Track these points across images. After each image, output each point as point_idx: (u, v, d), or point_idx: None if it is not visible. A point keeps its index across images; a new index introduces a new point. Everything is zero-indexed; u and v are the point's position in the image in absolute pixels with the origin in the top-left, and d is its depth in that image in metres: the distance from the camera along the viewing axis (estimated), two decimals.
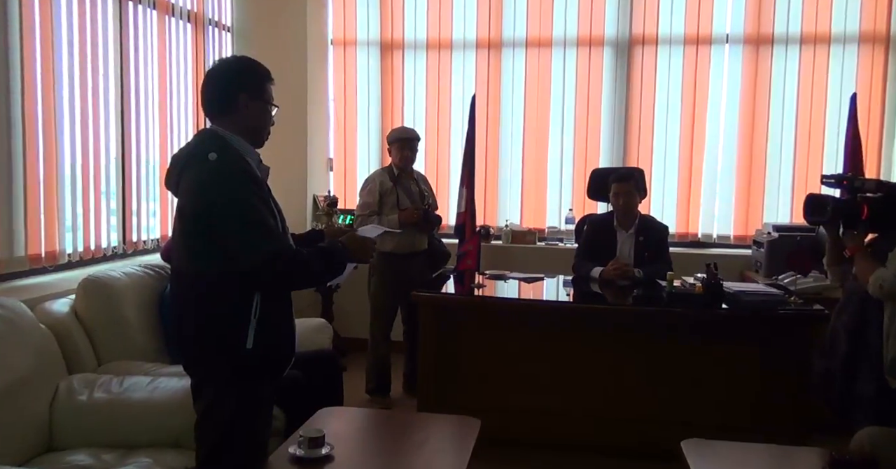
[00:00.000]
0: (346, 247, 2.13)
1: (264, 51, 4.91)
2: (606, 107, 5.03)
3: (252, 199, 1.95)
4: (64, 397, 2.50)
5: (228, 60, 2.26)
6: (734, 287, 3.35)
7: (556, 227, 5.11)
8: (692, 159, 4.94)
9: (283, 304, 2.13)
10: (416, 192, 4.10)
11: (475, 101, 4.59)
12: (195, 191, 1.96)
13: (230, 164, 1.98)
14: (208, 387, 2.05)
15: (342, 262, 2.13)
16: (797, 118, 4.81)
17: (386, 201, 4.01)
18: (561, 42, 5.02)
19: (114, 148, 3.71)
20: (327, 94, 5.36)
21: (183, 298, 2.06)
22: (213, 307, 1.99)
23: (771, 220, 4.72)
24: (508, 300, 3.63)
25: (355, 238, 2.20)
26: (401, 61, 5.24)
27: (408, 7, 5.17)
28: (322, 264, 2.06)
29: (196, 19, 4.41)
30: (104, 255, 3.64)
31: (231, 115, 2.08)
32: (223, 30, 4.78)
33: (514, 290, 3.81)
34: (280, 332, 2.10)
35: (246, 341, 1.97)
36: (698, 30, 4.85)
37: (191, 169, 1.99)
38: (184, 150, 2.10)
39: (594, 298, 3.67)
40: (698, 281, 3.44)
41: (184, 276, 2.04)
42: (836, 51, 4.74)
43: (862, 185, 2.68)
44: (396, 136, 4.08)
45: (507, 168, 5.20)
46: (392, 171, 4.08)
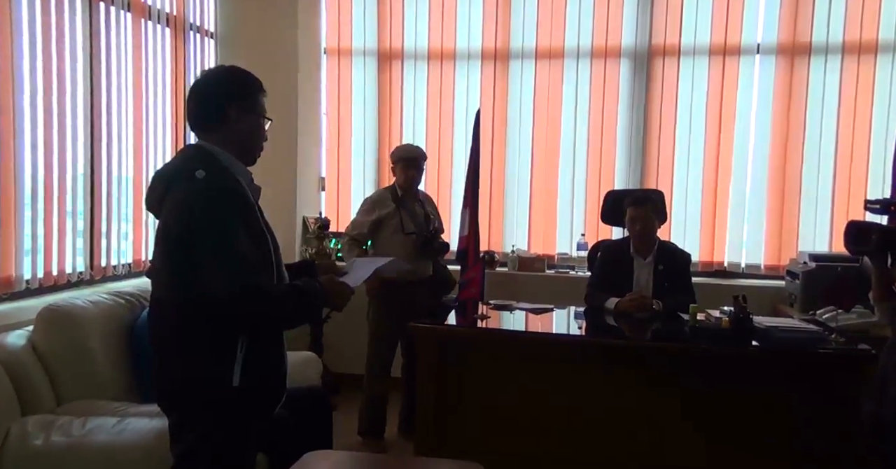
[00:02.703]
0: (324, 290, 2.08)
1: (251, 59, 4.87)
2: (623, 123, 5.00)
3: (235, 225, 1.92)
4: (16, 442, 2.44)
5: (217, 70, 2.25)
6: (766, 322, 3.28)
7: (567, 253, 5.06)
8: (717, 181, 4.90)
9: (274, 337, 2.09)
10: (420, 215, 4.06)
11: (479, 115, 4.59)
12: (180, 211, 1.93)
13: (219, 183, 1.95)
14: (189, 428, 1.99)
15: (317, 306, 2.09)
16: (838, 135, 4.76)
17: (387, 224, 3.97)
18: (574, 53, 5.01)
19: (81, 162, 3.69)
20: (320, 108, 5.36)
21: (163, 328, 2.02)
22: (195, 339, 1.95)
23: (807, 249, 4.65)
24: (515, 333, 3.56)
25: (334, 283, 2.15)
26: (399, 72, 5.23)
27: (407, 14, 5.18)
28: (294, 306, 2.02)
29: (176, 24, 4.42)
30: (68, 282, 3.59)
31: (220, 130, 2.06)
32: (206, 36, 4.78)
33: (521, 321, 3.75)
34: (270, 368, 2.06)
35: (232, 378, 1.93)
36: (726, 39, 4.83)
37: (176, 187, 1.96)
38: (168, 167, 2.07)
39: (609, 332, 3.61)
40: (725, 314, 3.37)
41: (164, 304, 2.01)
42: (883, 61, 4.68)
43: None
44: (401, 155, 4.06)
45: (514, 189, 5.16)
46: (395, 191, 4.06)
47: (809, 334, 3.20)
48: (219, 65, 4.19)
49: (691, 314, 3.32)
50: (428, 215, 4.11)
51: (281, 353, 2.12)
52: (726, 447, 3.16)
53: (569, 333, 3.78)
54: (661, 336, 3.52)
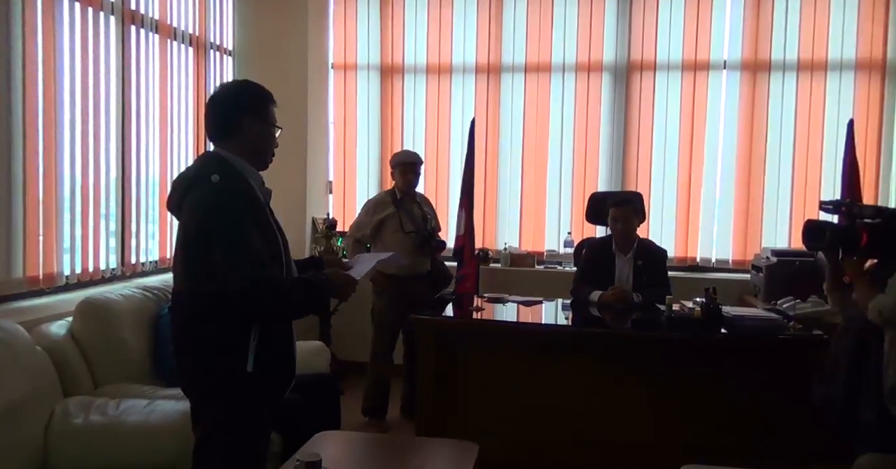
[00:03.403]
0: (329, 282, 2.13)
1: (265, 74, 4.93)
2: (605, 131, 5.07)
3: (248, 224, 1.97)
4: (59, 420, 2.49)
5: (232, 84, 2.30)
6: (733, 312, 3.36)
7: (555, 250, 5.13)
8: (691, 183, 4.98)
9: (284, 326, 2.14)
10: (419, 216, 4.12)
11: (474, 124, 4.65)
12: (197, 212, 1.98)
13: (233, 186, 2.00)
14: (207, 411, 2.04)
15: (324, 297, 2.14)
16: (795, 143, 4.86)
17: (388, 224, 4.03)
18: (560, 67, 5.08)
19: (114, 169, 3.74)
20: (327, 118, 5.41)
21: (182, 320, 2.07)
22: (212, 329, 1.99)
23: (770, 245, 4.74)
24: (507, 324, 3.63)
25: (339, 275, 2.19)
26: (401, 85, 5.29)
27: (408, 31, 5.24)
28: (302, 297, 2.05)
29: (197, 43, 4.46)
30: (102, 278, 3.64)
31: (234, 138, 2.10)
32: (224, 53, 4.83)
33: (513, 313, 3.81)
34: (281, 355, 2.10)
35: (246, 365, 1.98)
36: (696, 56, 4.92)
37: (194, 191, 2.01)
38: (186, 172, 2.12)
39: (593, 322, 3.68)
40: (697, 305, 3.44)
41: (183, 297, 2.06)
42: (832, 77, 4.80)
43: (860, 211, 2.70)
44: (399, 160, 4.11)
45: (507, 191, 5.23)
46: (395, 194, 4.11)
47: (771, 322, 3.28)
48: (233, 79, 4.26)
49: (667, 305, 3.39)
50: (426, 215, 4.17)
51: (290, 340, 2.16)
52: (699, 424, 3.23)
53: (556, 323, 3.84)
54: (640, 325, 3.59)
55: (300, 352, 3.42)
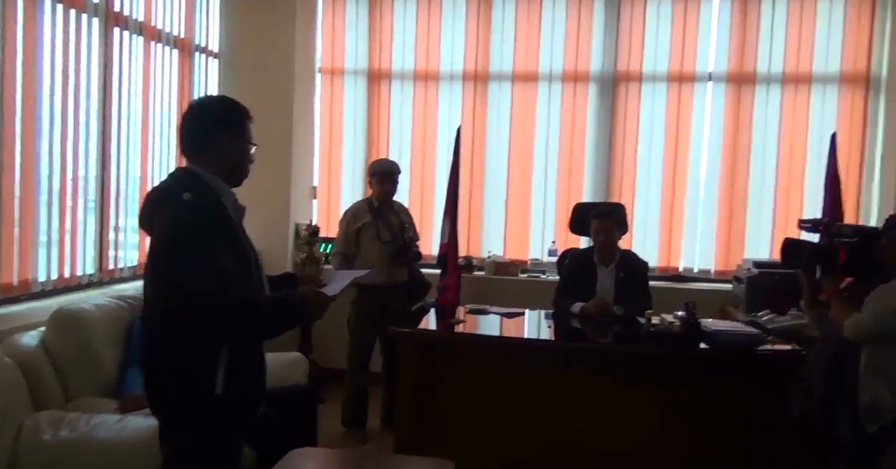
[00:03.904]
0: (302, 300, 2.10)
1: (251, 77, 4.94)
2: (590, 141, 5.06)
3: (218, 244, 1.93)
4: (29, 435, 2.44)
5: (206, 99, 2.26)
6: (712, 326, 3.34)
7: (539, 259, 5.10)
8: (674, 194, 4.97)
9: (254, 347, 2.10)
10: (396, 225, 4.08)
11: (460, 132, 4.62)
12: (166, 230, 1.93)
13: (204, 204, 1.96)
14: (175, 431, 2.00)
15: (298, 315, 2.10)
16: (778, 155, 4.86)
17: (365, 234, 3.99)
18: (547, 76, 5.06)
19: (93, 173, 3.68)
20: (313, 122, 5.36)
21: (151, 339, 2.03)
22: (180, 350, 1.95)
23: (752, 256, 4.73)
24: (487, 338, 3.58)
25: (313, 293, 2.16)
26: (387, 91, 5.26)
27: (396, 37, 5.20)
28: (274, 316, 2.01)
29: (183, 45, 4.41)
30: (79, 284, 3.58)
31: (208, 155, 2.06)
32: (210, 56, 4.78)
33: (495, 325, 3.78)
34: (251, 377, 2.06)
35: (215, 387, 1.94)
36: (682, 67, 4.91)
37: (164, 208, 1.96)
38: (158, 188, 2.08)
39: (574, 335, 3.65)
40: (677, 319, 3.43)
41: (152, 317, 2.01)
42: (816, 90, 4.81)
43: (839, 230, 2.71)
44: (377, 169, 4.07)
45: (492, 199, 5.20)
46: (372, 203, 4.07)
47: (749, 337, 3.27)
48: (208, 94, 4.20)
49: (647, 319, 3.38)
50: (403, 225, 4.12)
51: (261, 361, 2.11)
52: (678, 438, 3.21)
53: (537, 338, 3.76)
54: (620, 339, 3.58)
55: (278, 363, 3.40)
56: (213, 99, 2.25)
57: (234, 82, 4.95)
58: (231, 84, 4.95)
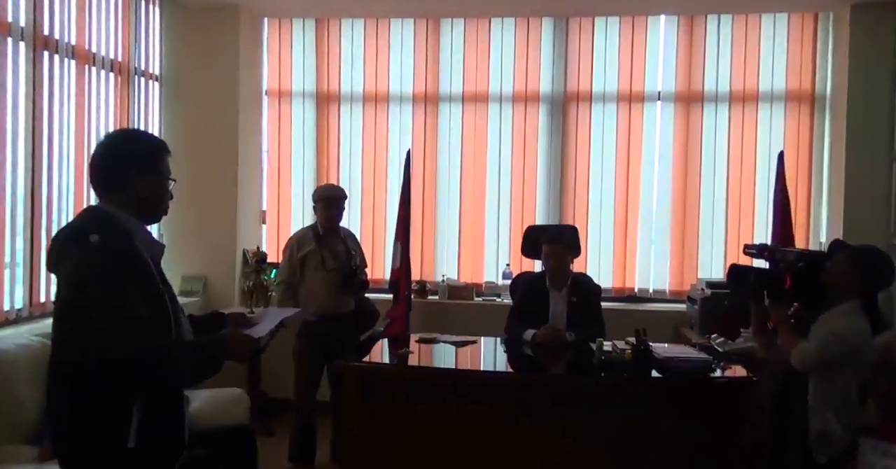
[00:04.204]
0: (224, 343, 1.98)
1: (195, 100, 4.82)
2: (542, 162, 5.02)
3: (129, 288, 1.81)
4: None
5: (117, 134, 2.15)
6: (663, 352, 3.29)
7: (494, 282, 5.03)
8: (627, 214, 4.95)
9: (173, 396, 1.97)
10: (342, 252, 3.96)
11: (410, 155, 4.55)
12: (73, 275, 1.81)
13: (112, 247, 1.84)
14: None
15: (218, 361, 1.98)
16: (728, 174, 4.88)
17: (309, 261, 3.86)
18: (497, 97, 5.02)
19: (21, 203, 3.50)
20: (261, 146, 5.23)
21: (59, 391, 1.89)
22: (89, 401, 1.82)
23: (705, 275, 4.73)
24: (437, 371, 3.45)
25: (236, 336, 2.04)
26: (337, 113, 5.16)
27: (344, 59, 5.12)
28: (192, 363, 1.90)
29: (121, 69, 4.26)
30: (7, 319, 3.39)
31: (121, 192, 1.94)
32: (152, 80, 4.63)
33: (445, 355, 3.67)
34: (168, 428, 1.93)
35: (127, 440, 1.80)
36: (631, 87, 4.91)
37: (71, 252, 1.84)
38: (65, 230, 1.95)
39: (525, 364, 3.58)
40: (628, 346, 3.37)
41: (59, 365, 1.88)
42: (763, 109, 4.85)
43: (783, 256, 2.68)
44: (322, 195, 3.96)
45: (445, 222, 5.12)
46: (317, 229, 3.95)
47: (700, 363, 3.22)
48: (120, 128, 4.04)
49: (597, 348, 3.31)
50: (350, 252, 4.00)
51: (179, 410, 1.98)
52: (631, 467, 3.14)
53: (482, 370, 3.63)
54: (571, 367, 3.50)
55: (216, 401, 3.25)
56: (125, 133, 2.15)
57: (177, 106, 4.81)
58: (174, 108, 4.81)
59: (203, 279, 4.89)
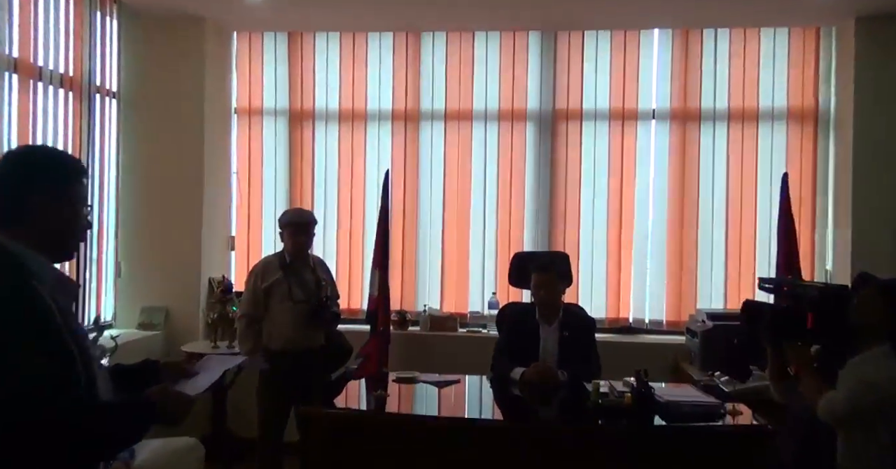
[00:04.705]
0: (152, 405, 1.63)
1: (157, 118, 4.50)
2: (530, 183, 4.72)
3: (25, 339, 1.46)
4: None
5: (20, 152, 1.77)
6: (667, 396, 2.97)
7: (480, 312, 4.70)
8: (621, 240, 4.65)
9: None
10: (311, 282, 3.61)
11: (389, 175, 4.24)
12: None
13: (4, 292, 1.49)
14: None
15: (141, 425, 1.62)
16: (728, 196, 4.59)
17: (275, 292, 3.52)
18: (482, 115, 4.73)
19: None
20: (230, 167, 4.90)
21: None
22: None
23: (705, 305, 4.44)
24: (416, 418, 3.07)
25: (166, 393, 1.68)
26: (311, 132, 4.85)
27: (319, 75, 4.82)
28: (106, 428, 1.54)
29: (72, 84, 3.93)
30: None
31: (23, 222, 1.59)
32: (108, 96, 4.30)
33: (426, 398, 3.32)
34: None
35: None
36: (623, 104, 4.64)
37: None
38: None
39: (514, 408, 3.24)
40: (627, 387, 3.05)
41: None
42: (764, 128, 4.58)
43: (804, 291, 2.37)
44: (288, 220, 3.63)
45: (426, 248, 4.80)
46: (284, 257, 3.61)
47: (708, 408, 2.90)
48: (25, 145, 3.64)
49: (593, 390, 2.97)
50: (319, 282, 3.65)
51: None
52: None
53: (466, 417, 3.27)
54: (566, 411, 3.17)
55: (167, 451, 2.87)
56: (29, 152, 1.78)
57: (137, 124, 4.49)
58: (134, 126, 4.48)
59: (164, 311, 4.52)
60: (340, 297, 3.95)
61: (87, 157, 4.08)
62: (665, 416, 2.87)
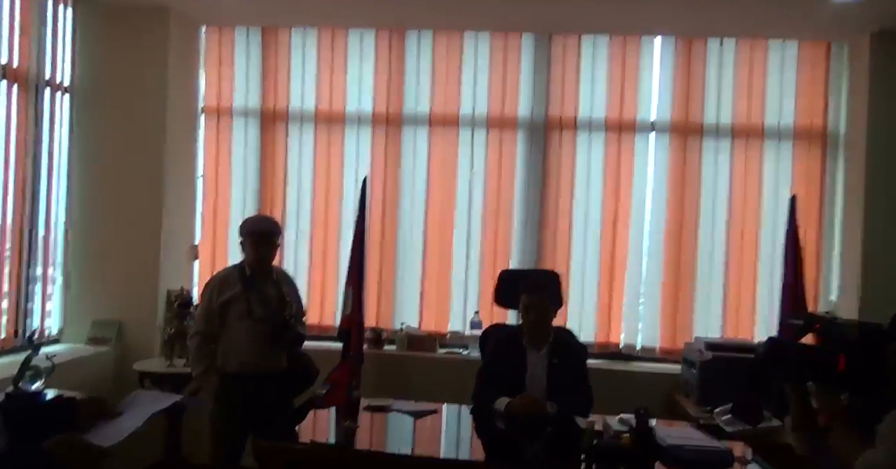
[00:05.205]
0: (50, 458, 1.28)
1: (114, 117, 4.14)
2: (519, 196, 4.41)
3: None
4: None
5: None
6: (669, 438, 2.65)
7: (460, 331, 4.37)
8: (614, 259, 4.34)
9: None
10: (273, 298, 3.25)
11: (366, 183, 3.92)
12: None
13: None
14: None
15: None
16: (729, 217, 4.31)
17: (233, 308, 3.17)
18: (469, 121, 4.42)
19: None
20: (195, 170, 4.53)
21: None
22: None
23: (703, 333, 4.16)
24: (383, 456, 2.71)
25: (70, 445, 1.35)
26: (284, 134, 4.51)
27: (294, 74, 4.49)
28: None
29: (17, 76, 3.56)
30: None
31: None
32: (59, 91, 3.93)
33: (401, 431, 2.98)
34: None
35: None
36: (621, 115, 4.35)
37: None
38: None
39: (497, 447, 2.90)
40: (624, 426, 2.73)
41: None
42: (770, 146, 4.31)
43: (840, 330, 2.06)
44: (249, 229, 3.27)
45: (406, 261, 4.46)
46: (244, 270, 3.26)
47: (717, 455, 2.58)
48: None
49: (586, 432, 2.64)
50: (283, 298, 3.29)
51: None
52: None
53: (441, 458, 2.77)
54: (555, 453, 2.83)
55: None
56: None
57: (90, 122, 4.13)
58: (88, 123, 4.13)
59: (117, 325, 4.15)
60: (307, 315, 3.60)
61: (31, 156, 3.71)
62: (667, 461, 2.55)
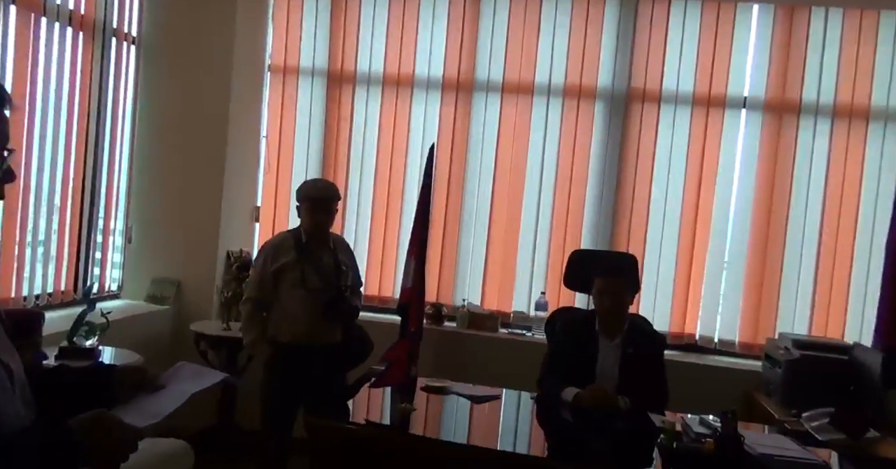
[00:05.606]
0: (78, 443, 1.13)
1: (179, 71, 4.03)
2: (595, 172, 4.13)
3: None
4: None
5: None
6: (758, 446, 2.39)
7: (524, 312, 4.15)
8: (694, 243, 4.03)
9: None
10: (329, 266, 3.10)
11: (434, 150, 3.70)
12: None
13: None
14: None
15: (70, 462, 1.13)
16: (825, 204, 3.94)
17: (286, 276, 3.03)
18: (544, 90, 4.14)
19: None
20: (259, 130, 4.40)
21: None
22: None
23: (787, 328, 3.84)
24: (439, 444, 2.51)
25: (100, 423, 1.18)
26: (350, 96, 4.32)
27: (363, 34, 4.27)
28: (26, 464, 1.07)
29: (83, 24, 3.45)
30: None
31: None
32: (126, 41, 3.82)
33: (458, 417, 2.80)
34: None
35: None
36: (710, 89, 4.00)
37: None
38: None
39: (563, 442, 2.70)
40: (706, 428, 2.49)
41: None
42: (875, 129, 3.90)
43: None
44: (306, 194, 3.11)
45: (470, 235, 4.25)
46: (300, 236, 3.10)
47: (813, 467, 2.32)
48: None
49: (667, 433, 2.41)
50: (340, 267, 3.13)
51: None
52: None
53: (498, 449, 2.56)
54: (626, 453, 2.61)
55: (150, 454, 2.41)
56: None
57: (157, 75, 4.04)
58: (153, 77, 4.03)
59: (176, 284, 4.09)
60: (363, 285, 3.44)
61: (96, 108, 3.63)
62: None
